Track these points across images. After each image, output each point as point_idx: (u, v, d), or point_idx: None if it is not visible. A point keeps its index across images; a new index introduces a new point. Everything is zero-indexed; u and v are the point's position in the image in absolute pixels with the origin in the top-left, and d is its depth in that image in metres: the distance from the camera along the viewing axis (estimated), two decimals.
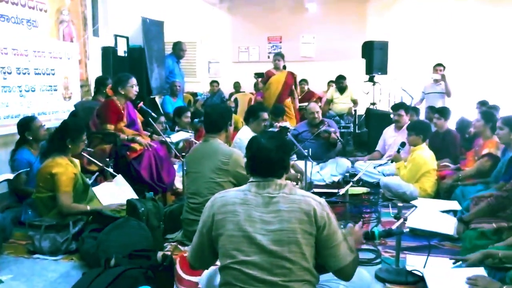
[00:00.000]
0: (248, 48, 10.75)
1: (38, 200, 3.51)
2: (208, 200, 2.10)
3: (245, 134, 4.16)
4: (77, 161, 3.67)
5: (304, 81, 9.29)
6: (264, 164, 2.00)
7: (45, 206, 3.48)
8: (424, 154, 4.69)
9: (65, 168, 3.44)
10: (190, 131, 5.72)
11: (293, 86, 7.35)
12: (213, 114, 3.46)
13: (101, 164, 4.10)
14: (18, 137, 4.34)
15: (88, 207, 3.45)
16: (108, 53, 6.65)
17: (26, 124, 4.22)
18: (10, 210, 3.90)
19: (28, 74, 4.99)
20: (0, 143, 4.63)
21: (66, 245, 3.26)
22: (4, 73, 4.64)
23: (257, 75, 7.94)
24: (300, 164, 4.68)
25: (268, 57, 10.07)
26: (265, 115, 4.47)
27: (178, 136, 5.22)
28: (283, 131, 4.69)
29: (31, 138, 4.18)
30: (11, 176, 3.69)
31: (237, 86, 10.30)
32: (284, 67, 7.47)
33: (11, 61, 4.72)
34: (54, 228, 3.29)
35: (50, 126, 5.07)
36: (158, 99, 7.42)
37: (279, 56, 7.33)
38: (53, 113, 5.31)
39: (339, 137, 5.72)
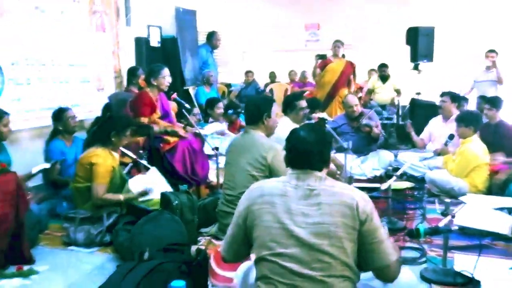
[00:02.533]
0: (284, 37, 10.71)
1: (75, 190, 3.63)
2: (244, 193, 2.13)
3: (285, 125, 4.14)
4: (116, 155, 3.77)
5: None
6: (303, 156, 2.02)
7: (82, 196, 3.60)
8: (475, 147, 4.54)
9: (104, 160, 3.56)
10: (224, 123, 5.76)
11: (352, 77, 7.24)
12: (251, 106, 3.48)
13: (134, 157, 4.19)
14: (52, 128, 4.51)
15: (122, 197, 3.55)
16: (141, 44, 6.76)
17: (58, 115, 4.38)
18: (46, 202, 4.06)
19: (62, 65, 5.15)
20: (36, 135, 4.81)
21: (100, 237, 3.37)
22: (39, 65, 4.81)
23: (319, 56, 7.53)
24: (340, 157, 4.63)
25: (306, 45, 10.00)
26: (302, 103, 4.43)
27: (211, 128, 5.27)
28: (321, 123, 4.65)
29: (61, 128, 4.32)
30: (48, 165, 3.84)
31: (272, 76, 10.28)
32: (343, 56, 7.34)
33: (45, 53, 4.88)
34: (88, 220, 3.40)
35: (83, 118, 5.23)
36: (191, 90, 7.50)
37: (338, 42, 7.16)
38: (87, 105, 5.46)
39: (382, 132, 5.60)
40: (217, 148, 4.43)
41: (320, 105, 6.56)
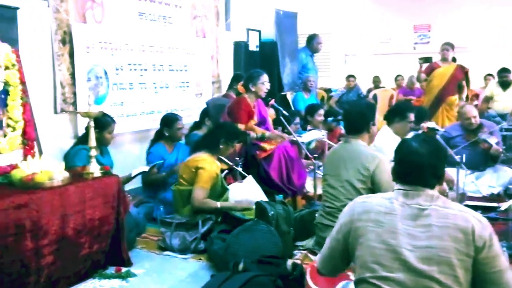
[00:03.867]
0: (390, 39, 10.40)
1: (177, 192, 3.81)
2: (346, 205, 2.10)
3: (386, 136, 4.02)
4: (219, 164, 3.91)
5: None
6: (414, 170, 1.92)
7: (182, 200, 3.77)
8: None
9: (210, 166, 3.73)
10: (322, 131, 5.71)
11: (464, 82, 6.90)
12: (353, 113, 3.38)
13: (231, 163, 4.29)
14: (153, 132, 4.77)
15: (219, 204, 3.66)
16: (240, 48, 6.95)
17: (168, 121, 4.59)
18: (143, 205, 4.30)
19: (163, 70, 5.44)
20: (136, 139, 5.13)
21: (195, 244, 3.49)
22: (141, 70, 5.13)
23: (424, 60, 7.16)
24: (451, 172, 4.37)
25: (414, 48, 9.63)
26: (412, 116, 4.26)
27: (309, 136, 5.25)
28: (431, 133, 4.44)
29: (167, 134, 4.55)
30: (146, 168, 4.08)
31: (376, 81, 10.03)
32: (454, 60, 7.02)
33: (147, 58, 5.19)
34: (184, 226, 3.54)
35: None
36: (289, 96, 7.55)
37: (447, 45, 6.86)
38: (185, 109, 5.71)
39: (503, 151, 5.19)
40: (315, 157, 4.39)
41: (427, 114, 6.27)
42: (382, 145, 3.68)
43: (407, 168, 1.94)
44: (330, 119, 5.91)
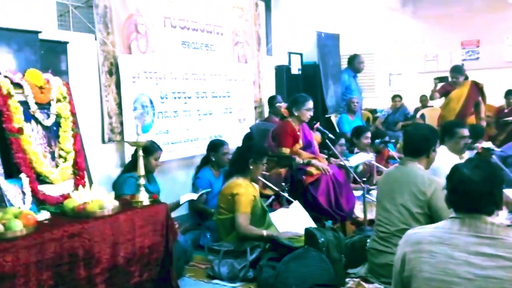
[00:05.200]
0: (437, 56, 10.26)
1: (219, 221, 3.86)
2: (400, 230, 2.10)
3: (443, 156, 3.94)
4: (256, 186, 3.95)
5: (511, 93, 8.46)
6: (468, 198, 1.89)
7: (225, 229, 3.81)
8: None
9: (246, 189, 3.76)
10: (370, 153, 5.66)
11: (480, 98, 6.79)
12: (416, 136, 3.33)
13: (276, 189, 4.32)
14: (197, 159, 4.88)
15: (265, 232, 3.67)
16: (281, 72, 7.04)
17: (215, 146, 4.73)
18: (190, 232, 4.37)
19: (206, 97, 5.58)
20: (181, 165, 5.25)
21: (243, 272, 3.51)
22: (185, 97, 5.27)
23: (439, 79, 7.25)
24: (510, 193, 4.23)
25: (462, 64, 9.45)
26: (464, 131, 4.17)
27: (357, 159, 5.21)
28: (486, 153, 4.33)
29: (214, 160, 4.65)
30: (195, 196, 4.16)
31: (424, 100, 9.87)
32: (466, 78, 6.97)
33: (191, 85, 5.34)
34: (232, 254, 3.57)
35: None
36: (333, 118, 7.55)
37: (455, 72, 6.85)
38: (228, 135, 5.81)
39: None
40: (364, 181, 4.36)
41: (483, 133, 6.12)
42: (439, 165, 3.61)
43: (461, 196, 1.92)
44: (377, 141, 5.85)
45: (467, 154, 4.33)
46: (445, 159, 3.83)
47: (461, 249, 1.84)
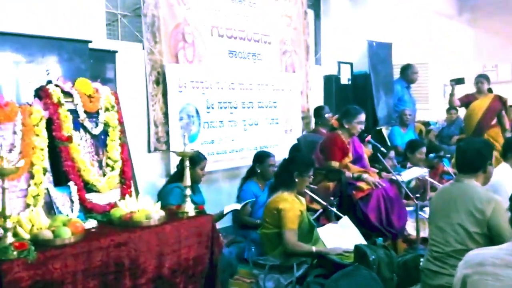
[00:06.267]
0: (497, 66, 9.99)
1: (264, 236, 3.86)
2: (457, 251, 2.05)
3: (503, 173, 3.82)
4: (303, 199, 3.94)
5: None
6: None
7: (271, 243, 3.81)
8: None
9: (292, 204, 3.73)
10: (424, 168, 5.55)
11: (503, 112, 6.91)
12: (470, 151, 3.23)
13: (324, 203, 4.29)
14: (242, 170, 4.92)
15: (314, 248, 3.65)
16: (330, 82, 7.03)
17: (261, 158, 4.76)
18: (235, 245, 4.38)
19: (252, 107, 5.63)
20: (226, 176, 5.30)
21: None
22: (231, 107, 5.34)
23: (456, 81, 7.31)
24: None
25: None
26: None
27: (410, 174, 5.12)
28: None
29: (259, 171, 4.68)
30: (239, 206, 4.18)
31: None
32: (490, 90, 7.08)
33: (237, 95, 5.41)
34: (278, 268, 3.56)
35: None
36: (385, 130, 7.45)
37: (482, 78, 7.12)
38: (274, 146, 5.83)
39: None
40: (417, 197, 4.28)
41: None
42: (500, 182, 3.49)
43: None
44: (431, 155, 5.73)
45: None
46: (507, 176, 3.71)
47: None
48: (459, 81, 7.29)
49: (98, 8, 4.12)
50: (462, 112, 9.39)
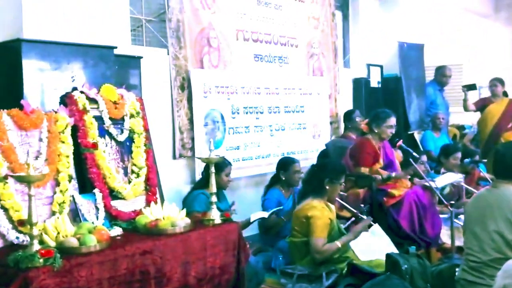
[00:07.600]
0: None
1: (292, 244, 3.86)
2: (494, 260, 2.02)
3: None
4: (333, 207, 3.92)
5: None
6: None
7: (299, 251, 3.80)
8: None
9: (321, 212, 3.71)
10: (459, 174, 5.47)
11: None
12: (508, 155, 3.18)
13: (354, 211, 4.27)
14: (269, 177, 4.92)
15: (339, 243, 3.62)
16: (360, 85, 6.99)
17: (285, 164, 4.74)
18: (262, 253, 4.39)
19: (278, 112, 5.64)
20: (252, 183, 5.32)
21: None
22: (257, 113, 5.36)
23: (468, 87, 7.36)
24: None
25: None
26: None
27: (444, 180, 5.05)
28: None
29: (284, 178, 4.66)
30: (266, 214, 4.19)
31: None
32: (506, 94, 7.10)
33: (263, 100, 5.43)
34: (306, 278, 3.56)
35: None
36: (417, 135, 7.37)
37: (496, 81, 7.16)
38: (302, 152, 5.82)
39: None
40: (452, 204, 4.23)
41: None
42: None
43: None
44: (467, 160, 5.65)
45: None
46: None
47: None
48: (471, 87, 7.38)
49: (123, 13, 4.19)
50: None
